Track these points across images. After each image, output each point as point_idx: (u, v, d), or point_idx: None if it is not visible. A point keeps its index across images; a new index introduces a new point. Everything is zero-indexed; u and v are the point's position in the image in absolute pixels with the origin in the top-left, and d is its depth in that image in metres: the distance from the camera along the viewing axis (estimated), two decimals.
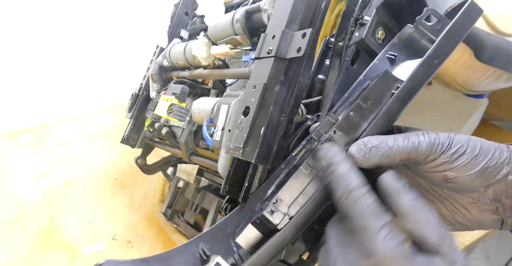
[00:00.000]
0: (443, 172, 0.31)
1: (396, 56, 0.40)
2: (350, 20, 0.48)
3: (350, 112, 0.34)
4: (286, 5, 0.47)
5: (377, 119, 0.33)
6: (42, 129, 1.29)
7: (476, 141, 0.31)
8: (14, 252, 0.83)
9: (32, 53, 1.41)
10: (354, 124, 0.34)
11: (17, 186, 1.05)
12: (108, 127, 1.29)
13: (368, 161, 0.32)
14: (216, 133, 0.53)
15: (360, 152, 0.32)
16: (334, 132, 0.34)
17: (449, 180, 0.31)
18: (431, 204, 0.35)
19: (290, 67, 0.46)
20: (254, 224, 0.36)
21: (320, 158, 0.33)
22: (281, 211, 0.34)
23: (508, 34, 0.61)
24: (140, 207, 0.95)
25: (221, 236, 0.40)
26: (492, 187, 0.31)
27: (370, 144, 0.32)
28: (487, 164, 0.30)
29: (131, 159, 1.11)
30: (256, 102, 0.44)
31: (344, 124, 0.33)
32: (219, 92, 0.72)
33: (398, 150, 0.31)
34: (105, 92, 1.42)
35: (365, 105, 0.33)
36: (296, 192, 0.34)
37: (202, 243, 0.39)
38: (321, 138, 0.34)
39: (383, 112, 0.33)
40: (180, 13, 0.87)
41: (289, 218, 0.34)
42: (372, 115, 0.34)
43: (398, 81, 0.34)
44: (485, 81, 0.64)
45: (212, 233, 0.41)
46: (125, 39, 1.48)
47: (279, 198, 0.34)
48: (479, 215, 0.33)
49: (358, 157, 0.32)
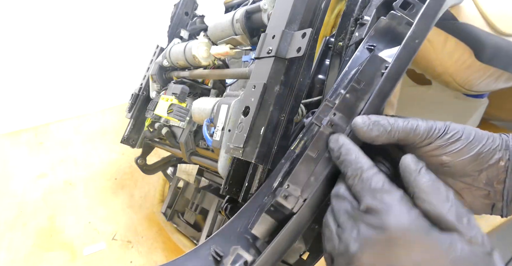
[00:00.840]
0: (439, 156, 0.33)
1: (375, 46, 0.43)
2: (350, 20, 0.48)
3: (346, 94, 0.36)
4: (286, 5, 0.47)
5: (372, 98, 0.35)
6: (42, 129, 1.29)
7: (470, 129, 0.33)
8: (14, 252, 0.83)
9: (32, 53, 1.41)
10: (351, 105, 0.36)
11: (17, 186, 1.05)
12: (108, 127, 1.29)
13: (370, 134, 0.33)
14: (216, 133, 0.53)
15: (365, 123, 0.33)
16: (334, 114, 0.35)
17: (444, 164, 0.33)
18: None
19: (290, 67, 0.46)
20: (269, 213, 0.36)
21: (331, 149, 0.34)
22: (294, 195, 0.35)
23: (508, 34, 0.61)
24: (140, 207, 0.95)
25: (232, 236, 0.40)
26: (485, 172, 0.33)
27: (374, 118, 0.34)
28: (481, 149, 0.32)
29: (131, 159, 1.11)
30: (256, 102, 0.44)
31: (342, 106, 0.35)
32: (219, 92, 0.72)
33: (398, 129, 0.33)
34: (105, 92, 1.42)
35: (359, 86, 0.36)
36: (306, 175, 0.35)
37: (214, 245, 0.39)
38: (323, 122, 0.35)
39: (376, 92, 0.35)
40: (180, 13, 0.87)
41: (303, 200, 0.35)
42: (366, 96, 0.36)
43: (385, 62, 0.37)
44: (485, 81, 0.64)
45: (221, 234, 0.40)
46: (125, 39, 1.48)
47: (290, 183, 0.35)
48: (472, 200, 0.34)
49: (362, 128, 0.33)
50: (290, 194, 0.34)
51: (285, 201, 0.34)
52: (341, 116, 0.35)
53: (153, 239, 0.84)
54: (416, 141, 0.33)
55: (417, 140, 0.33)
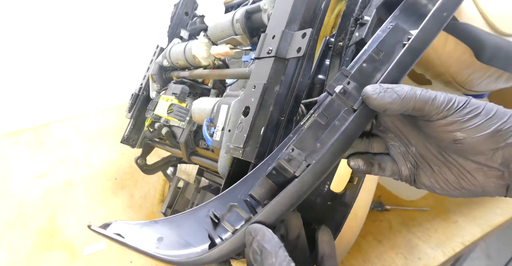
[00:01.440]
0: (453, 132, 0.31)
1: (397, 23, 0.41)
2: (350, 20, 0.48)
3: (363, 63, 0.34)
4: (286, 5, 0.47)
5: (390, 69, 0.33)
6: (42, 129, 1.29)
7: (492, 105, 0.31)
8: (14, 252, 0.83)
9: (32, 53, 1.41)
10: (368, 75, 0.34)
11: (17, 186, 1.05)
12: (108, 127, 1.29)
13: (382, 101, 0.31)
14: (216, 133, 0.53)
15: (376, 90, 0.32)
16: (348, 83, 0.34)
17: (457, 141, 0.31)
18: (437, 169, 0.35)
19: (290, 67, 0.46)
20: (270, 176, 0.34)
21: None
22: (298, 159, 0.33)
23: (508, 34, 0.61)
24: (140, 207, 0.95)
25: (231, 201, 0.38)
26: (501, 151, 0.30)
27: (386, 85, 0.32)
28: (500, 126, 0.30)
29: (131, 159, 1.11)
30: (256, 102, 0.44)
31: (358, 75, 0.34)
32: (219, 92, 0.72)
33: (415, 97, 0.31)
34: (105, 92, 1.42)
35: (377, 57, 0.34)
36: (312, 141, 0.34)
37: (213, 208, 0.38)
38: (336, 89, 0.34)
39: (395, 63, 0.33)
40: (180, 13, 0.87)
41: (307, 165, 0.33)
42: (384, 66, 0.34)
43: (409, 33, 0.35)
44: (485, 81, 0.64)
45: (221, 199, 0.39)
46: (125, 39, 1.48)
47: (295, 147, 0.33)
48: (485, 181, 0.32)
49: (372, 95, 0.32)
50: (293, 158, 0.33)
51: (288, 164, 0.33)
52: (355, 86, 0.34)
53: None
54: (433, 112, 0.31)
55: (433, 111, 0.31)
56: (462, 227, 0.77)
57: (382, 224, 0.80)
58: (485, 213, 0.80)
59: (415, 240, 0.75)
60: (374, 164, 0.38)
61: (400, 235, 0.77)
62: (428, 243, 0.74)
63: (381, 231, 0.78)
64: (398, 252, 0.73)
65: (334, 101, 0.34)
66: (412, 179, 0.37)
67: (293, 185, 0.32)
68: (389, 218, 0.81)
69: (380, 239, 0.76)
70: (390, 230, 0.78)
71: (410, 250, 0.73)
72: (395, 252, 0.73)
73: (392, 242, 0.75)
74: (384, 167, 0.38)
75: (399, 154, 0.37)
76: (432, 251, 0.72)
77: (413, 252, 0.72)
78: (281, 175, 0.34)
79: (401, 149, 0.37)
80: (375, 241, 0.76)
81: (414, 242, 0.75)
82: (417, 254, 0.72)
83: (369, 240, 0.76)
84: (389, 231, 0.78)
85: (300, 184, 0.32)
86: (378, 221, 0.81)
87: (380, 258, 0.72)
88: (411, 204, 0.84)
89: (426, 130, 0.34)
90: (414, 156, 0.36)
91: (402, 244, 0.74)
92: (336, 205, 0.52)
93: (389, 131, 0.38)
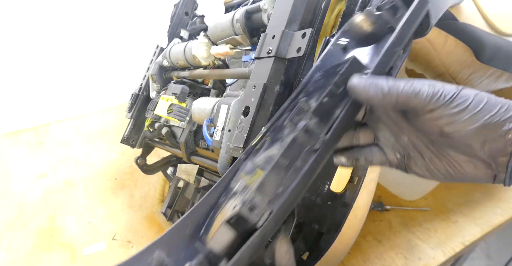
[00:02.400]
0: (441, 126, 0.31)
1: (348, 41, 0.41)
2: None
3: (324, 98, 0.33)
4: (286, 5, 0.47)
5: (349, 105, 0.33)
6: (42, 129, 1.29)
7: (482, 96, 0.30)
8: (14, 252, 0.83)
9: (32, 53, 1.41)
10: (329, 110, 0.33)
11: (17, 186, 1.05)
12: (108, 127, 1.29)
13: (367, 93, 0.31)
14: (216, 133, 0.53)
15: (361, 82, 0.32)
16: (310, 118, 0.33)
17: (445, 135, 0.31)
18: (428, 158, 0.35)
19: (290, 67, 0.46)
20: (229, 224, 0.31)
21: None
22: (261, 206, 0.31)
23: (508, 34, 0.61)
24: (140, 207, 0.95)
25: (180, 240, 0.35)
26: (489, 144, 0.30)
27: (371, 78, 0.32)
28: (489, 120, 0.29)
29: (131, 159, 1.11)
30: (256, 102, 0.44)
31: (320, 110, 0.33)
32: (219, 92, 0.72)
33: (398, 90, 0.31)
34: (105, 92, 1.42)
35: (337, 91, 0.33)
36: (275, 184, 0.32)
37: (158, 249, 0.34)
38: (298, 126, 0.33)
39: (354, 99, 0.33)
40: (180, 13, 0.87)
41: (269, 213, 0.31)
42: (344, 101, 0.34)
43: (365, 68, 0.35)
44: (485, 81, 0.64)
45: (168, 237, 0.35)
46: (125, 39, 1.48)
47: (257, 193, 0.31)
48: (473, 171, 0.32)
49: (358, 86, 0.32)
50: (255, 206, 0.31)
51: (250, 213, 0.31)
52: (317, 121, 0.33)
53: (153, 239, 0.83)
54: (418, 107, 0.31)
55: (418, 105, 0.30)
56: (462, 227, 0.77)
57: (382, 224, 0.80)
58: (485, 213, 0.80)
59: (415, 240, 0.75)
60: (359, 158, 0.38)
61: (400, 235, 0.77)
62: (428, 243, 0.74)
63: (381, 231, 0.78)
64: (398, 252, 0.73)
65: (297, 140, 0.32)
66: (403, 167, 0.37)
67: (256, 236, 0.30)
68: (389, 218, 0.81)
69: (380, 239, 0.76)
70: (390, 230, 0.78)
71: (410, 250, 0.73)
72: (395, 252, 0.73)
73: (392, 242, 0.75)
74: (371, 159, 0.38)
75: (388, 145, 0.37)
76: (432, 251, 0.72)
77: (413, 252, 0.72)
78: (241, 224, 0.31)
79: (390, 140, 0.37)
80: (375, 241, 0.76)
81: (414, 242, 0.75)
82: (417, 254, 0.72)
83: (369, 240, 0.76)
84: (389, 231, 0.78)
85: (263, 233, 0.30)
86: (378, 221, 0.81)
87: (380, 258, 0.72)
88: (411, 204, 0.84)
89: (414, 123, 0.34)
90: (406, 145, 0.36)
91: (402, 244, 0.74)
92: (336, 205, 0.52)
93: (380, 121, 0.38)
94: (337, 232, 0.50)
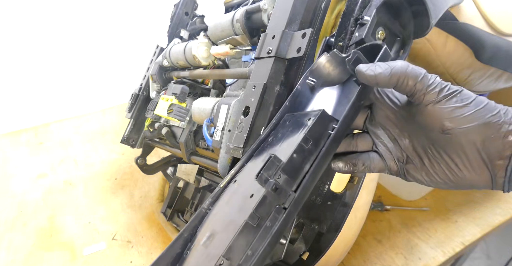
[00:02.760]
0: (442, 120, 0.31)
1: (315, 81, 0.42)
2: (350, 20, 0.48)
3: (293, 154, 0.33)
4: (286, 5, 0.47)
5: (318, 160, 0.33)
6: (42, 129, 1.29)
7: (483, 99, 0.31)
8: (14, 252, 0.83)
9: (32, 53, 1.41)
10: (298, 166, 0.33)
11: (17, 186, 1.05)
12: (108, 127, 1.29)
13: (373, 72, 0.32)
14: (216, 133, 0.53)
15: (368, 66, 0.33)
16: (279, 176, 0.32)
17: (446, 131, 0.31)
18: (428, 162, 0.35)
19: (290, 67, 0.46)
20: None
21: None
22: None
23: (508, 34, 0.61)
24: (140, 207, 0.95)
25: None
26: (487, 144, 0.30)
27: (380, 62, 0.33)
28: (489, 119, 0.30)
29: (131, 159, 1.11)
30: (256, 102, 0.44)
31: (289, 167, 0.33)
32: (219, 92, 0.72)
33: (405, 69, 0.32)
34: (105, 92, 1.42)
35: (306, 146, 0.34)
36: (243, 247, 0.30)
37: None
38: (267, 185, 0.32)
39: (323, 153, 0.34)
40: (180, 13, 0.87)
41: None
42: (312, 156, 0.34)
43: (333, 121, 0.36)
44: (485, 81, 0.64)
45: None
46: (125, 39, 1.48)
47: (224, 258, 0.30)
48: (472, 176, 0.32)
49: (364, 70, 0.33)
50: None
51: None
52: (286, 178, 0.32)
53: (153, 239, 0.84)
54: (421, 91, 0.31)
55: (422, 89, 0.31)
56: (462, 227, 0.77)
57: (382, 224, 0.80)
58: (485, 213, 0.80)
59: (415, 240, 0.75)
60: (357, 163, 0.38)
61: (400, 235, 0.77)
62: (428, 243, 0.74)
63: (381, 231, 0.78)
64: (398, 252, 0.73)
65: (266, 198, 0.31)
66: (402, 173, 0.37)
67: None
68: (389, 218, 0.81)
69: (380, 239, 0.76)
70: (390, 230, 0.78)
71: (410, 250, 0.73)
72: (395, 252, 0.73)
73: (392, 242, 0.75)
74: (369, 165, 0.38)
75: (387, 151, 0.38)
76: (432, 251, 0.72)
77: (413, 252, 0.72)
78: None
79: (389, 146, 0.37)
80: (375, 241, 0.76)
81: (414, 242, 0.75)
82: (417, 254, 0.72)
83: (369, 240, 0.76)
84: (389, 231, 0.78)
85: None
86: (378, 221, 0.81)
87: (380, 258, 0.72)
88: (411, 204, 0.84)
89: (417, 118, 0.34)
90: (405, 149, 0.36)
91: (402, 244, 0.74)
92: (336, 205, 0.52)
93: (380, 125, 0.38)
94: (337, 232, 0.50)
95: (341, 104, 0.40)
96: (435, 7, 0.46)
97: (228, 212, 0.35)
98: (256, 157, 0.39)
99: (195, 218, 0.38)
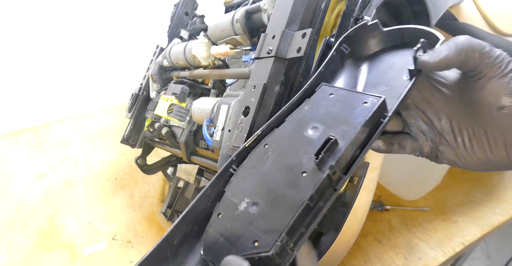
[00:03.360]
0: (500, 97, 0.30)
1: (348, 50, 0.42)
2: (350, 20, 0.48)
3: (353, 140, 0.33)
4: (286, 5, 0.47)
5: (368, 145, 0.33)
6: (42, 129, 1.29)
7: None
8: (14, 252, 0.83)
9: (32, 53, 1.41)
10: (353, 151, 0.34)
11: (17, 186, 1.05)
12: (108, 127, 1.29)
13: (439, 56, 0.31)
14: (216, 133, 0.53)
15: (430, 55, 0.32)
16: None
17: (502, 108, 0.30)
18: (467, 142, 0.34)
19: (290, 67, 0.46)
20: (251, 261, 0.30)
21: None
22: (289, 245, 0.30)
23: (508, 34, 0.61)
24: (140, 207, 0.95)
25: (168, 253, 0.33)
26: None
27: None
28: None
29: (131, 159, 1.11)
30: (256, 102, 0.44)
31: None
32: (219, 92, 0.72)
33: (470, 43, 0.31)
34: (105, 92, 1.42)
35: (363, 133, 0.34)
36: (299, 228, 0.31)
37: None
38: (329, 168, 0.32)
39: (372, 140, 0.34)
40: (180, 13, 0.87)
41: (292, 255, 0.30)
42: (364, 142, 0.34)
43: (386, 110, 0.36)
44: None
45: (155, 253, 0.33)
46: (125, 39, 1.48)
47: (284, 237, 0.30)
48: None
49: (428, 60, 0.32)
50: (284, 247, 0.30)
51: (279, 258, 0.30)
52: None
53: (153, 239, 0.84)
54: (485, 65, 0.30)
55: (487, 63, 0.30)
56: (462, 227, 0.77)
57: (382, 224, 0.80)
58: (485, 213, 0.80)
59: (415, 240, 0.75)
60: (394, 143, 0.38)
61: (400, 235, 0.77)
62: (428, 243, 0.74)
63: (381, 231, 0.78)
64: (398, 252, 0.73)
65: (325, 182, 0.32)
66: (434, 155, 0.37)
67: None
68: (389, 218, 0.81)
69: (380, 239, 0.76)
70: (390, 230, 0.78)
71: (410, 250, 0.73)
72: (395, 252, 0.73)
73: (392, 242, 0.75)
74: (404, 145, 0.38)
75: (420, 132, 0.37)
76: (432, 251, 0.72)
77: (413, 252, 0.72)
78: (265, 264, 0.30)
79: (422, 127, 0.37)
80: (375, 241, 0.76)
81: (414, 242, 0.75)
82: (417, 254, 0.72)
83: (369, 240, 0.76)
84: (389, 231, 0.78)
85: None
86: (378, 221, 0.81)
87: (380, 258, 0.72)
88: (411, 204, 0.84)
89: (472, 94, 0.33)
90: (441, 130, 0.36)
91: (402, 244, 0.74)
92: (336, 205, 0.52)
93: (415, 107, 0.37)
94: (337, 232, 0.50)
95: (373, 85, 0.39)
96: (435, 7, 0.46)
97: (271, 182, 0.35)
98: (291, 123, 0.38)
99: (220, 176, 0.38)
